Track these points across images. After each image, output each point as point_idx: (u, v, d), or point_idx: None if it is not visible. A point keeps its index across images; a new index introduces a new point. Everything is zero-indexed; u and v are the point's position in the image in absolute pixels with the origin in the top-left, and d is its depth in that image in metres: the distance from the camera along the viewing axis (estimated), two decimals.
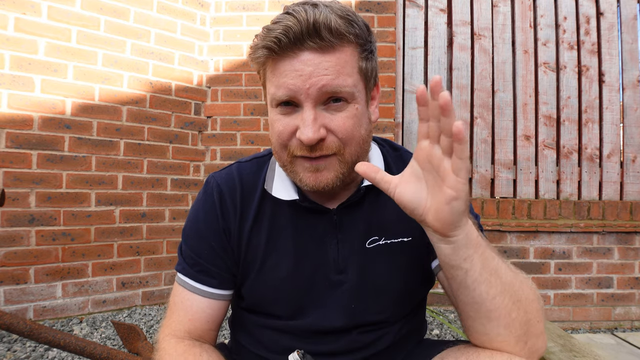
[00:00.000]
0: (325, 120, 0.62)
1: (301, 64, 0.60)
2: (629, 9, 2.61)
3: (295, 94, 0.61)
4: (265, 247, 0.72)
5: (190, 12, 2.45)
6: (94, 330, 1.94)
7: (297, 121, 0.63)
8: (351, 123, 0.63)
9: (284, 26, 0.59)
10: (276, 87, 0.63)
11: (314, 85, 0.60)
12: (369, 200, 0.74)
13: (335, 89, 0.61)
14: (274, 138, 0.66)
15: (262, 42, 0.61)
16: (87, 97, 2.12)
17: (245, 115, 2.51)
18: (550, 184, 2.55)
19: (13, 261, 1.92)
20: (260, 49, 0.62)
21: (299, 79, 0.60)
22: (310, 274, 0.71)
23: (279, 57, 0.61)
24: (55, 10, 2.02)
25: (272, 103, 0.65)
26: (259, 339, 0.76)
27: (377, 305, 0.72)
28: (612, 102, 2.58)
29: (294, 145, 0.64)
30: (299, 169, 0.65)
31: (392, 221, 0.73)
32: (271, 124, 0.67)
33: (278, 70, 0.62)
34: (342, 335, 0.72)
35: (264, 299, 0.74)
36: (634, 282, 2.39)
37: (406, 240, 0.73)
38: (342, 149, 0.64)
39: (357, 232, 0.72)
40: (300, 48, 0.60)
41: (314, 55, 0.60)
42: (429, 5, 2.60)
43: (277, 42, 0.59)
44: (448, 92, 0.47)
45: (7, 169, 1.91)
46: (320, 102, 0.62)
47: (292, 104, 0.63)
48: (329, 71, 0.60)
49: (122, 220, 2.22)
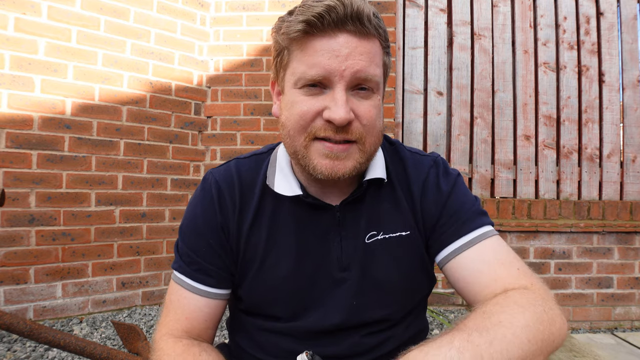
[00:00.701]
0: (354, 105, 0.62)
1: (339, 45, 0.60)
2: (629, 9, 2.61)
3: (329, 74, 0.60)
4: (265, 245, 0.70)
5: (190, 12, 2.46)
6: (94, 330, 1.94)
7: (324, 102, 0.62)
8: (375, 112, 0.64)
9: (327, 5, 0.58)
10: (308, 66, 0.61)
11: (349, 68, 0.60)
12: (370, 194, 0.73)
13: (367, 76, 0.62)
14: (293, 119, 0.63)
15: (302, 17, 0.59)
16: (87, 97, 2.12)
17: (245, 115, 2.51)
18: (550, 184, 2.55)
19: (13, 261, 1.92)
20: (299, 23, 0.59)
21: (336, 60, 0.60)
22: (312, 272, 0.70)
23: (315, 35, 0.60)
24: (55, 10, 2.02)
25: (298, 83, 0.63)
26: (258, 341, 0.74)
27: (378, 301, 0.71)
28: (612, 102, 2.58)
29: (318, 126, 0.62)
30: (315, 154, 0.64)
31: (389, 215, 0.72)
32: (291, 105, 0.64)
33: (312, 48, 0.61)
34: (345, 337, 0.71)
35: (263, 299, 0.72)
36: (634, 282, 2.39)
37: (404, 234, 0.72)
38: (364, 137, 0.63)
39: (358, 228, 0.72)
40: (340, 29, 0.60)
41: (353, 39, 0.60)
42: (429, 5, 2.60)
43: (320, 18, 0.58)
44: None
45: (7, 169, 1.91)
46: (350, 87, 0.62)
47: (319, 85, 0.62)
48: (364, 57, 0.61)
49: (122, 220, 2.22)
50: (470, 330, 0.48)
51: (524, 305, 0.54)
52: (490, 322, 0.50)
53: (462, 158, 2.57)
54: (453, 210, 0.72)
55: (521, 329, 0.49)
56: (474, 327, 0.49)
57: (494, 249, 0.68)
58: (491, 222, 0.72)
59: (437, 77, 2.60)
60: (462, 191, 0.75)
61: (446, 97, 2.60)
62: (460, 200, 0.73)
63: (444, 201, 0.73)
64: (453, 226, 0.71)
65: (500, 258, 0.67)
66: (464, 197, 0.74)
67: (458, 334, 0.47)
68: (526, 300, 0.55)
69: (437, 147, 2.56)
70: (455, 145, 2.57)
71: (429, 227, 0.73)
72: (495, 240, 0.69)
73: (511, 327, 0.49)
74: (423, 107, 2.60)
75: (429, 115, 2.59)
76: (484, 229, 0.70)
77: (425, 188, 0.74)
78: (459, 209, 0.72)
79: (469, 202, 0.73)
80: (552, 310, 0.55)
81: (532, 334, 0.49)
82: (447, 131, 2.60)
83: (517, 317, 0.51)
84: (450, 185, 0.74)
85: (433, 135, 2.59)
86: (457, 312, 2.38)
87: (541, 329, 0.51)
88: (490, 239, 0.69)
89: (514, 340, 0.47)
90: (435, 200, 0.73)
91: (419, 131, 2.59)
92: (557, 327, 0.53)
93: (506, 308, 0.53)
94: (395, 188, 0.74)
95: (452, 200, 0.73)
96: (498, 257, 0.67)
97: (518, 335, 0.48)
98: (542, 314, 0.53)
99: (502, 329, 0.48)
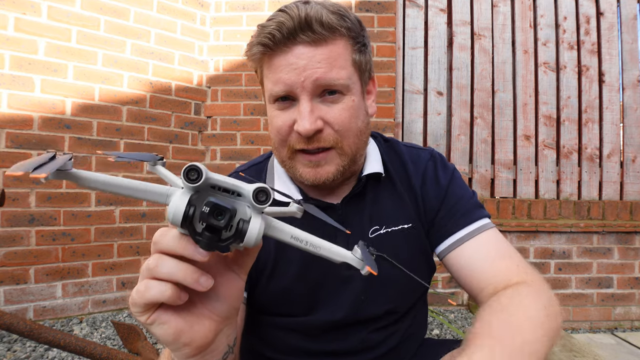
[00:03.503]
0: (322, 112, 0.63)
1: (295, 58, 0.61)
2: (629, 9, 2.61)
3: (291, 87, 0.62)
4: (275, 252, 0.71)
5: (190, 12, 2.45)
6: (94, 330, 1.94)
7: (294, 115, 0.63)
8: (347, 115, 0.64)
9: (277, 22, 0.60)
10: (273, 83, 0.63)
11: (308, 78, 0.61)
12: (370, 189, 0.74)
13: (329, 81, 0.62)
14: (274, 134, 0.67)
15: (257, 39, 0.62)
16: (87, 97, 2.12)
17: (245, 115, 2.51)
18: (550, 183, 2.55)
19: (13, 261, 1.91)
20: (256, 46, 0.63)
21: (294, 73, 0.61)
22: (320, 273, 0.71)
23: (274, 52, 0.62)
24: (55, 10, 2.02)
25: (270, 99, 0.66)
26: (265, 338, 0.75)
27: (384, 295, 0.72)
28: (612, 102, 2.58)
29: (293, 139, 0.64)
30: (298, 164, 0.66)
31: (390, 209, 0.73)
32: (270, 121, 0.68)
33: (274, 65, 0.63)
34: (353, 333, 0.72)
35: (273, 302, 0.73)
36: (634, 282, 2.39)
37: (406, 227, 0.73)
38: (339, 142, 0.64)
39: (361, 224, 0.72)
40: (293, 42, 0.61)
41: (307, 48, 0.61)
42: (429, 5, 2.60)
43: (271, 38, 0.60)
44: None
45: (7, 169, 1.91)
46: (316, 95, 0.63)
47: (289, 98, 0.64)
48: (322, 64, 0.61)
49: (122, 220, 2.22)
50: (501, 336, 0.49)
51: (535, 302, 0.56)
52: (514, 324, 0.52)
53: (462, 158, 2.57)
54: (452, 202, 0.73)
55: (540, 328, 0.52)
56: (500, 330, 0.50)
57: (493, 242, 0.70)
58: (488, 215, 0.74)
59: (437, 77, 2.60)
60: (460, 184, 0.77)
61: (446, 97, 2.60)
62: (459, 192, 0.75)
63: (443, 194, 0.74)
64: (453, 218, 0.72)
65: (500, 250, 0.69)
66: (462, 190, 0.75)
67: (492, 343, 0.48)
68: (535, 296, 0.58)
69: (437, 147, 2.56)
70: (455, 145, 2.57)
71: (429, 219, 0.74)
72: (494, 232, 0.71)
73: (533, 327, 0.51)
74: (423, 107, 2.60)
75: (429, 115, 2.59)
76: (483, 221, 0.72)
77: (424, 181, 0.76)
78: (458, 201, 0.73)
79: (467, 195, 0.75)
80: (553, 306, 0.58)
81: (546, 330, 0.52)
82: (447, 131, 2.60)
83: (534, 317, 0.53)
84: (449, 178, 0.76)
85: (433, 135, 2.59)
86: (457, 312, 2.38)
87: (551, 325, 0.54)
88: (489, 231, 0.71)
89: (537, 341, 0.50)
90: (434, 192, 0.74)
91: (419, 131, 2.59)
92: (559, 321, 0.56)
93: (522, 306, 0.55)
94: (394, 182, 0.75)
95: (450, 192, 0.74)
96: (497, 250, 0.69)
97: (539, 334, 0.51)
98: (550, 308, 0.56)
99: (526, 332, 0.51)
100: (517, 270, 0.65)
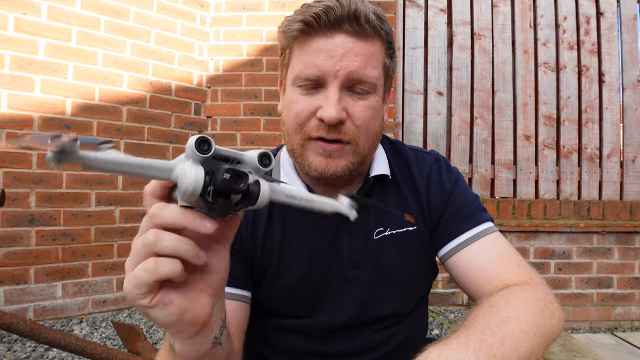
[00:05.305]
0: (347, 104, 0.63)
1: (335, 45, 0.60)
2: (629, 9, 2.61)
3: (324, 74, 0.61)
4: (280, 251, 0.71)
5: (190, 12, 2.45)
6: (94, 330, 1.94)
7: (319, 101, 0.62)
8: (369, 113, 0.64)
9: (326, 5, 0.60)
10: (304, 65, 0.62)
11: (344, 68, 0.60)
12: (377, 191, 0.74)
13: (362, 77, 0.62)
14: (290, 118, 0.65)
15: (300, 16, 0.61)
16: (87, 97, 2.12)
17: (245, 115, 2.51)
18: (550, 184, 2.55)
19: (13, 261, 1.92)
20: (297, 23, 0.61)
21: (330, 60, 0.60)
22: (324, 273, 0.71)
23: (313, 34, 0.62)
24: (55, 10, 2.02)
25: (296, 81, 0.64)
26: (268, 340, 0.75)
27: (389, 297, 0.72)
28: (612, 102, 2.58)
29: (312, 125, 0.63)
30: (310, 152, 0.65)
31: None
32: (288, 104, 0.66)
33: (310, 48, 0.62)
34: (357, 334, 0.72)
35: (277, 302, 0.72)
36: (634, 282, 2.39)
37: (411, 229, 0.73)
38: (357, 138, 0.64)
39: (367, 225, 0.72)
40: (337, 29, 0.60)
41: (349, 39, 0.61)
42: (429, 5, 2.60)
43: (317, 18, 0.60)
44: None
45: (7, 169, 1.91)
46: (345, 87, 0.63)
47: (314, 84, 0.63)
48: (359, 58, 0.61)
49: (122, 220, 2.22)
50: (483, 328, 0.49)
51: (527, 299, 0.56)
52: (499, 318, 0.51)
53: (462, 158, 2.57)
54: (456, 206, 0.74)
55: (527, 324, 0.51)
56: (485, 324, 0.50)
57: (495, 245, 0.70)
58: (491, 218, 0.74)
59: (437, 77, 2.60)
60: (464, 188, 0.77)
61: (446, 97, 2.60)
62: (463, 196, 0.75)
63: (447, 197, 0.74)
64: (456, 222, 0.72)
65: (502, 253, 0.69)
66: (465, 194, 0.76)
67: (472, 333, 0.48)
68: (529, 294, 0.57)
69: (437, 147, 2.56)
70: (455, 145, 2.57)
71: (433, 222, 0.75)
72: (496, 236, 0.71)
73: (518, 323, 0.51)
74: (423, 107, 2.60)
75: (429, 115, 2.59)
76: (486, 225, 0.72)
77: (429, 184, 0.76)
78: (461, 205, 0.74)
79: (470, 199, 0.75)
80: (552, 304, 0.57)
81: (536, 328, 0.51)
82: (447, 131, 2.60)
83: (523, 312, 0.52)
84: (453, 182, 0.76)
85: (433, 135, 2.59)
86: (457, 312, 2.38)
87: (544, 323, 0.53)
88: (491, 235, 0.71)
89: (522, 336, 0.49)
90: (438, 195, 0.75)
91: (419, 131, 2.59)
92: (556, 320, 0.56)
93: (512, 303, 0.55)
94: (400, 184, 0.75)
95: (454, 196, 0.74)
96: (499, 253, 0.69)
97: (525, 330, 0.50)
98: (544, 307, 0.55)
99: (511, 325, 0.50)
100: (517, 272, 0.65)
